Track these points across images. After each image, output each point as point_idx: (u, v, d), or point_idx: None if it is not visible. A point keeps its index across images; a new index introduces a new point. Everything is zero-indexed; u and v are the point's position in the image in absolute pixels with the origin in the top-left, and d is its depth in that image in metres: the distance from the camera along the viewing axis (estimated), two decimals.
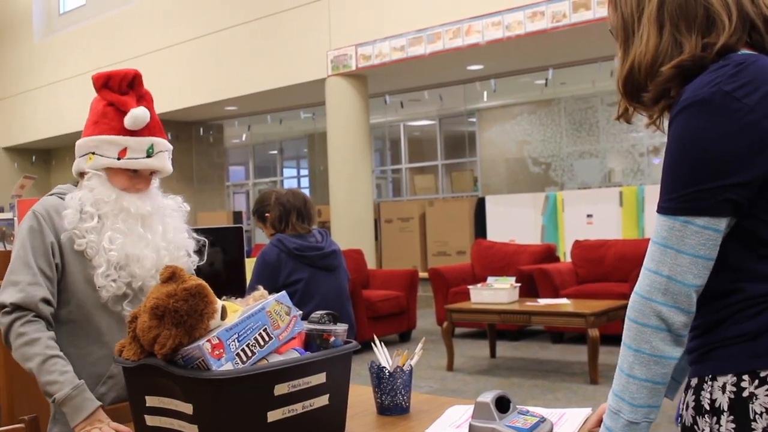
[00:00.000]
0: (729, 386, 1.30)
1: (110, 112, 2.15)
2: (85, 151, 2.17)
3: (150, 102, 2.23)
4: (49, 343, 2.00)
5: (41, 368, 1.96)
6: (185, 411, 1.59)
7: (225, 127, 15.00)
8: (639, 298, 1.33)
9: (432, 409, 2.02)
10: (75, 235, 2.08)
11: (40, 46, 15.27)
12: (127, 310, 2.10)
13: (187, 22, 12.09)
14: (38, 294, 2.02)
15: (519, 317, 6.37)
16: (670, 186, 1.31)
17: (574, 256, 8.29)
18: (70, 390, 1.94)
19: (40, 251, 2.06)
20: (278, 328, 1.69)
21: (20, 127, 15.58)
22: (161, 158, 2.21)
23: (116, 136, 2.13)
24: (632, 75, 1.41)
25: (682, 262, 1.28)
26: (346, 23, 10.00)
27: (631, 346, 1.33)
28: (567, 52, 9.50)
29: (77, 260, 2.10)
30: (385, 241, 12.42)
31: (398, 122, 15.05)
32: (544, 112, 12.99)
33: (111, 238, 2.09)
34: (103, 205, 2.12)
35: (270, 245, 3.91)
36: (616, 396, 1.36)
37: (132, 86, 2.20)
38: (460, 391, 5.89)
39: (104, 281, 2.07)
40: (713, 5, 1.34)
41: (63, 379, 1.96)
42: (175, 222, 2.28)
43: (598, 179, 12.47)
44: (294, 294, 3.76)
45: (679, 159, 1.30)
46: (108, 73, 2.19)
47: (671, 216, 1.30)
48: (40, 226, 2.08)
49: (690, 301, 1.30)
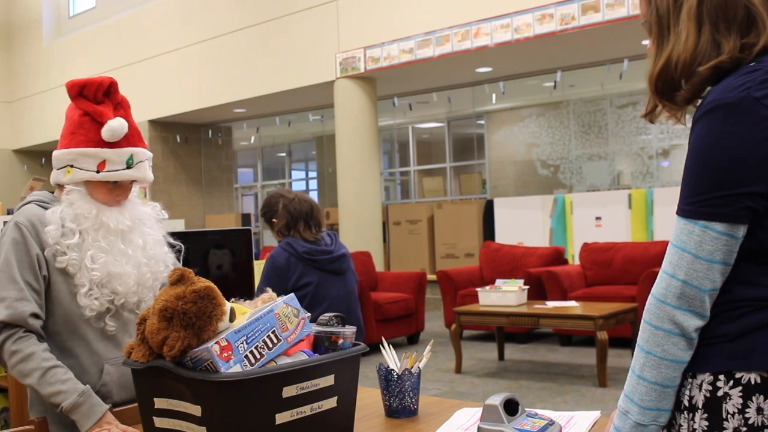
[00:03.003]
0: (705, 384, 1.31)
1: (87, 123, 2.11)
2: (63, 164, 2.13)
3: (127, 109, 2.19)
4: (44, 356, 1.98)
5: (41, 381, 1.95)
6: (194, 413, 1.59)
7: (233, 129, 15.02)
8: (654, 301, 1.33)
9: (440, 411, 2.01)
10: (57, 251, 2.05)
11: (49, 49, 15.32)
12: (110, 324, 2.10)
13: (195, 25, 12.11)
14: (27, 309, 1.99)
15: (527, 320, 6.35)
16: (691, 189, 1.29)
17: (583, 259, 8.27)
18: (77, 397, 1.94)
19: (25, 264, 2.03)
20: (287, 331, 1.69)
21: (30, 129, 15.64)
22: (141, 168, 2.16)
23: (94, 148, 2.09)
24: (666, 72, 1.37)
25: (698, 267, 1.28)
26: (354, 25, 10.01)
27: (643, 348, 1.34)
28: (576, 55, 9.49)
29: (60, 275, 2.07)
30: (394, 244, 12.42)
31: (407, 124, 15.05)
32: (553, 114, 12.97)
33: (93, 257, 2.07)
34: (83, 221, 2.09)
35: (279, 248, 3.90)
36: (626, 396, 1.37)
37: (108, 95, 2.15)
38: (469, 394, 5.88)
39: (87, 301, 2.06)
40: (755, 5, 1.31)
41: (66, 388, 1.95)
42: (154, 234, 2.25)
43: (607, 182, 12.44)
44: (304, 297, 3.76)
45: (702, 163, 1.28)
46: (83, 80, 2.15)
47: (691, 220, 1.29)
48: (23, 238, 2.04)
49: (704, 305, 1.29)
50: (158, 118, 13.06)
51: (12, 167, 16.29)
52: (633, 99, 12.08)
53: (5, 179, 15.68)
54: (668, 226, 9.02)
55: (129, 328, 2.17)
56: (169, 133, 13.57)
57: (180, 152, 13.80)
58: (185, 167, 13.93)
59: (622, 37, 8.57)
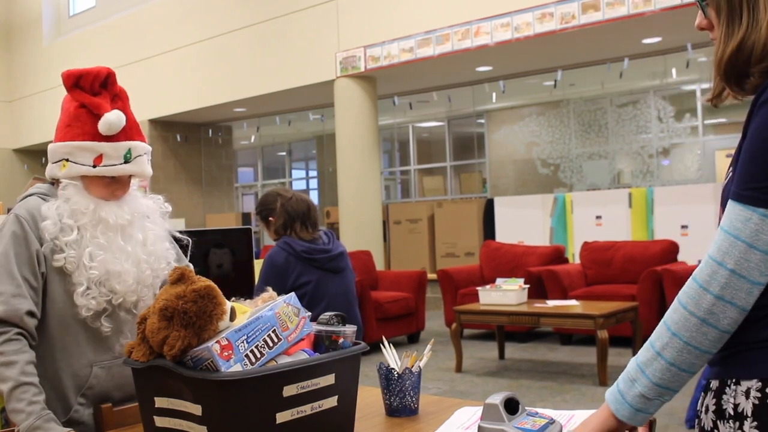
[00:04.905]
0: (754, 391, 1.25)
1: (83, 115, 2.03)
2: (58, 158, 2.06)
3: (125, 101, 2.11)
4: (25, 369, 1.90)
5: (11, 394, 1.88)
6: (194, 412, 1.59)
7: (234, 128, 15.02)
8: (695, 286, 1.26)
9: (440, 410, 2.01)
10: (55, 248, 1.99)
11: (49, 48, 15.33)
12: (105, 326, 2.03)
13: (195, 24, 12.12)
14: (23, 307, 1.93)
15: (528, 319, 6.35)
16: (753, 175, 1.23)
17: (583, 258, 8.27)
18: (34, 420, 1.86)
19: (24, 259, 1.96)
20: (287, 330, 1.69)
21: (30, 128, 15.65)
22: (139, 163, 2.08)
23: (90, 142, 2.02)
24: (737, 57, 1.30)
25: (752, 257, 1.22)
26: (354, 25, 10.01)
27: (670, 328, 1.29)
28: (576, 54, 9.49)
29: (56, 274, 2.01)
30: (394, 243, 12.42)
31: (407, 123, 15.05)
32: (553, 113, 12.97)
33: (91, 254, 2.00)
34: (81, 217, 2.01)
35: (277, 248, 3.88)
36: (638, 366, 1.32)
37: (105, 86, 2.07)
38: (469, 393, 5.88)
39: (84, 300, 1.99)
40: None
41: (30, 409, 1.87)
42: (156, 229, 2.17)
43: (607, 181, 12.44)
44: (303, 296, 3.75)
45: (766, 148, 1.22)
46: (79, 71, 2.05)
47: (749, 206, 1.22)
48: (24, 232, 1.98)
49: (749, 298, 1.23)
50: (158, 118, 13.06)
51: (12, 167, 16.29)
52: (633, 98, 12.07)
53: (5, 179, 15.70)
54: (668, 225, 9.02)
55: (124, 329, 2.10)
56: (169, 132, 13.57)
57: (180, 151, 13.81)
58: (185, 166, 13.93)
59: (622, 36, 8.57)
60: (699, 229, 8.72)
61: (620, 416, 1.34)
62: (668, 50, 9.41)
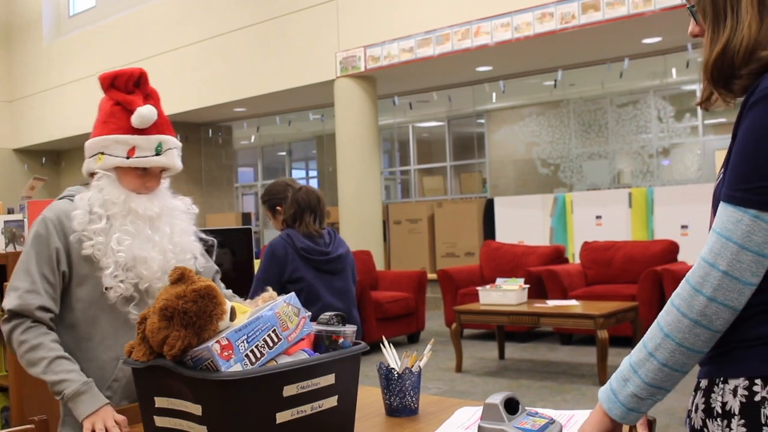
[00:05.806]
0: (741, 390, 1.26)
1: (117, 112, 2.15)
2: (94, 152, 2.17)
3: (157, 100, 2.23)
4: (51, 346, 2.02)
5: (47, 370, 1.99)
6: (194, 412, 1.59)
7: (234, 128, 15.03)
8: (689, 288, 1.27)
9: (441, 410, 2.01)
10: (83, 237, 2.08)
11: (49, 48, 15.33)
12: (133, 312, 2.10)
13: (195, 24, 12.12)
14: (35, 302, 2.03)
15: (528, 319, 6.35)
16: (743, 176, 1.23)
17: (583, 258, 8.27)
18: (80, 386, 1.96)
19: (43, 257, 2.07)
20: (287, 330, 1.69)
21: (30, 128, 15.65)
22: (170, 156, 2.21)
23: (124, 135, 2.13)
24: (724, 59, 1.31)
25: (744, 258, 1.22)
26: (354, 25, 10.01)
27: (663, 329, 1.29)
28: (576, 54, 9.49)
29: (85, 264, 2.10)
30: (394, 243, 12.42)
31: (407, 123, 15.05)
32: (553, 113, 12.97)
33: (119, 240, 2.09)
34: (111, 206, 2.11)
35: (279, 238, 3.81)
36: (630, 366, 1.33)
37: (138, 85, 2.20)
38: (469, 393, 5.88)
39: (113, 281, 2.07)
40: None
41: (70, 377, 1.98)
42: (183, 224, 2.27)
43: (607, 181, 12.44)
44: (299, 292, 3.73)
45: (757, 150, 1.22)
46: (114, 72, 2.19)
47: (741, 207, 1.22)
48: (47, 233, 2.08)
49: (741, 299, 1.24)
50: None
51: (12, 167, 16.29)
52: (633, 98, 12.07)
53: (5, 179, 15.69)
54: (668, 224, 9.02)
55: None
56: None
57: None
58: (185, 166, 13.60)
59: (622, 36, 8.58)
60: (699, 229, 8.71)
61: (613, 415, 1.35)
62: (668, 50, 9.41)
